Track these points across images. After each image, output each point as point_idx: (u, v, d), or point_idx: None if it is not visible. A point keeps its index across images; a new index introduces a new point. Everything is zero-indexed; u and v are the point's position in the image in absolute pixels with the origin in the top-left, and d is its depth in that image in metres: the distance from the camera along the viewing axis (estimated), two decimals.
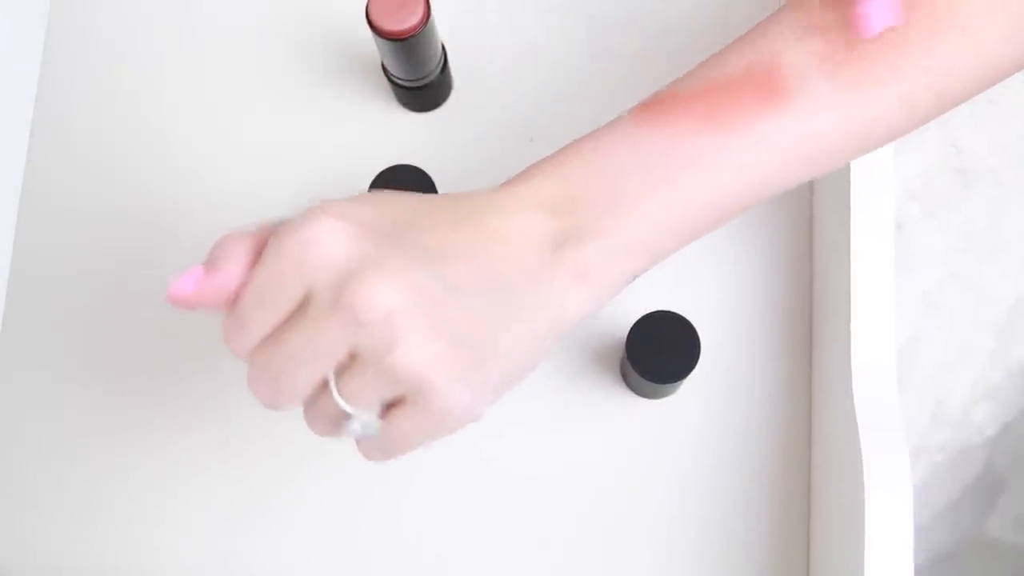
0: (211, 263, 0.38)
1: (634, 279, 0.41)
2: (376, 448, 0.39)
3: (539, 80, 0.60)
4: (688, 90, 0.41)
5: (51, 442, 0.57)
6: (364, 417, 0.37)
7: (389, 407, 0.37)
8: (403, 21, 0.50)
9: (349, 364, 0.36)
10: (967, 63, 0.41)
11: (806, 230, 0.57)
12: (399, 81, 0.56)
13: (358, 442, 0.39)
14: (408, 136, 0.59)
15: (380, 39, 0.51)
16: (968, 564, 0.60)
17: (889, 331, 0.48)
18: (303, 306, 0.36)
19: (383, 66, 0.57)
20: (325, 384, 0.37)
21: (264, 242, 0.37)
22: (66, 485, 0.57)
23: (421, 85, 0.57)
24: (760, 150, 0.40)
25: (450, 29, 0.58)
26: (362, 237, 0.36)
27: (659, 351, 0.50)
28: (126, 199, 0.60)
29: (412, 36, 0.51)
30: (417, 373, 0.35)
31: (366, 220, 0.37)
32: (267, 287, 0.36)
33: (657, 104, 0.41)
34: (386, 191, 0.40)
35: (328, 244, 0.35)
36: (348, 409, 0.37)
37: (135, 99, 0.61)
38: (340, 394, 0.36)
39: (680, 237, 0.41)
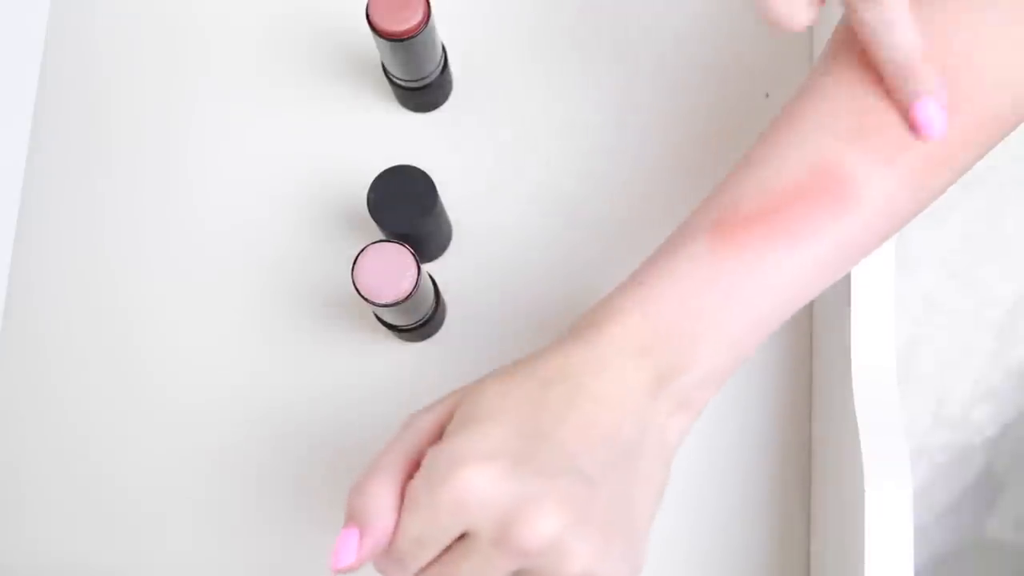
0: (361, 520, 0.39)
1: None
2: None
3: (539, 80, 0.60)
4: (757, 204, 0.41)
5: (51, 442, 0.57)
6: None
7: None
8: (403, 21, 0.50)
9: (516, 573, 0.39)
10: (1009, 109, 0.42)
11: None
12: (399, 81, 0.56)
13: None
14: (408, 136, 0.59)
15: (380, 39, 0.51)
16: (968, 564, 0.60)
17: (889, 332, 0.48)
18: (465, 540, 0.38)
19: (383, 66, 0.57)
20: None
21: (402, 482, 0.39)
22: (66, 485, 0.57)
23: (421, 85, 0.57)
24: (837, 255, 0.41)
25: (450, 29, 0.58)
26: (506, 472, 0.38)
27: None
28: (126, 198, 0.60)
29: (412, 36, 0.51)
30: (585, 573, 0.38)
31: (500, 447, 0.38)
32: (426, 533, 0.38)
33: (729, 224, 0.41)
34: (493, 387, 0.41)
35: (481, 491, 0.37)
36: None
37: (135, 99, 0.61)
38: None
39: (763, 337, 0.42)
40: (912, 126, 0.40)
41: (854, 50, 0.42)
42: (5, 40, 0.60)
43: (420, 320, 0.54)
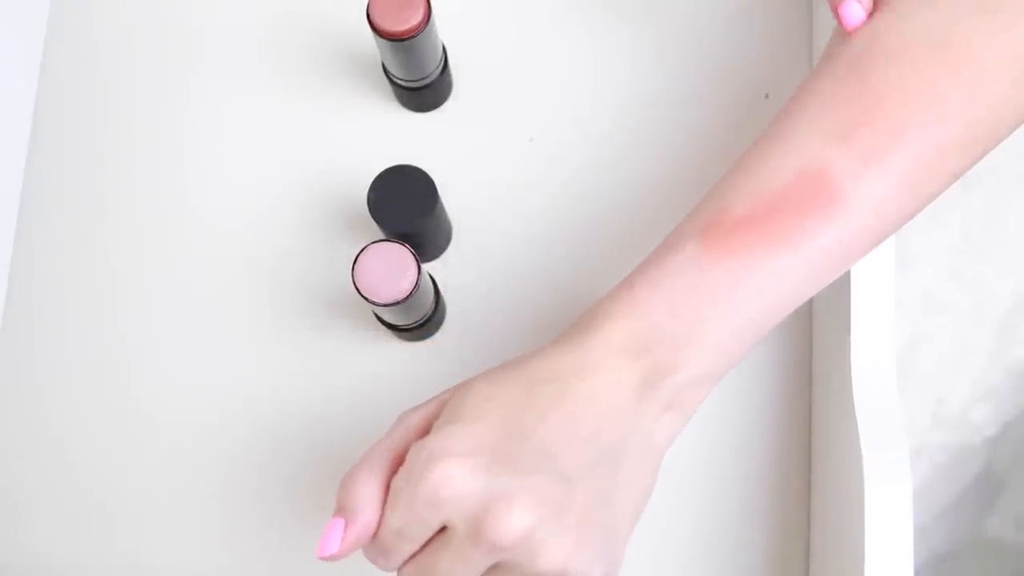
0: (347, 512, 0.41)
1: None
2: None
3: (539, 80, 0.60)
4: (746, 209, 0.41)
5: (51, 442, 0.57)
6: None
7: None
8: (404, 21, 0.50)
9: (494, 568, 0.40)
10: (1006, 114, 0.42)
11: None
12: (399, 81, 0.56)
13: None
14: (408, 136, 0.59)
15: (381, 39, 0.51)
16: (968, 564, 0.60)
17: (889, 331, 0.48)
18: (444, 533, 0.40)
19: (383, 66, 0.57)
20: None
21: (387, 476, 0.41)
22: (66, 485, 0.57)
23: (421, 85, 0.57)
24: (826, 256, 0.41)
25: (450, 29, 0.58)
26: (481, 468, 0.39)
27: None
28: (126, 198, 0.60)
29: (413, 36, 0.51)
30: (557, 569, 0.39)
31: (479, 444, 0.40)
32: (406, 526, 0.40)
33: (717, 230, 0.41)
34: (481, 387, 0.42)
35: (455, 486, 0.39)
36: None
37: (134, 98, 0.61)
38: None
39: (753, 340, 0.43)
40: (843, 27, 0.42)
41: (846, 53, 0.42)
42: (5, 40, 0.60)
43: (420, 320, 0.54)
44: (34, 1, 0.62)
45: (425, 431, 0.42)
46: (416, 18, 0.50)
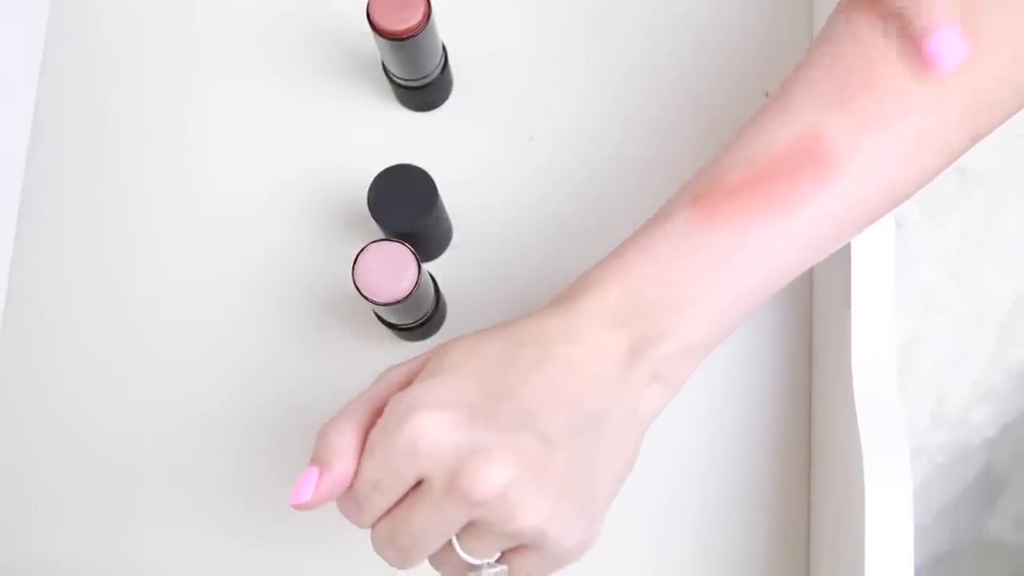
0: (322, 461, 0.40)
1: None
2: None
3: (539, 80, 0.60)
4: (740, 175, 0.41)
5: (51, 442, 0.57)
6: (491, 571, 0.41)
7: (512, 549, 0.40)
8: (404, 21, 0.50)
9: (470, 526, 0.39)
10: (1005, 97, 0.41)
11: None
12: (399, 81, 0.56)
13: None
14: (408, 136, 0.59)
15: (381, 39, 0.51)
16: (968, 564, 0.60)
17: (889, 331, 0.48)
18: (419, 488, 0.39)
19: (383, 66, 0.57)
20: (449, 542, 0.40)
21: (365, 428, 0.40)
22: (66, 485, 0.57)
23: (421, 85, 0.57)
24: (820, 224, 0.41)
25: (450, 29, 0.58)
26: (461, 421, 0.38)
27: None
28: (126, 198, 0.60)
29: (413, 36, 0.51)
30: (534, 530, 0.38)
31: (459, 398, 0.39)
32: (381, 478, 0.39)
33: (710, 196, 0.41)
34: (464, 344, 0.41)
35: (433, 438, 0.38)
36: (475, 562, 0.40)
37: (134, 98, 0.61)
38: (464, 551, 0.40)
39: (744, 313, 0.42)
40: (923, 56, 0.39)
41: (843, 24, 0.42)
42: (5, 40, 0.60)
43: (420, 319, 0.54)
44: (34, 1, 0.62)
45: (406, 385, 0.42)
46: (416, 18, 0.51)
